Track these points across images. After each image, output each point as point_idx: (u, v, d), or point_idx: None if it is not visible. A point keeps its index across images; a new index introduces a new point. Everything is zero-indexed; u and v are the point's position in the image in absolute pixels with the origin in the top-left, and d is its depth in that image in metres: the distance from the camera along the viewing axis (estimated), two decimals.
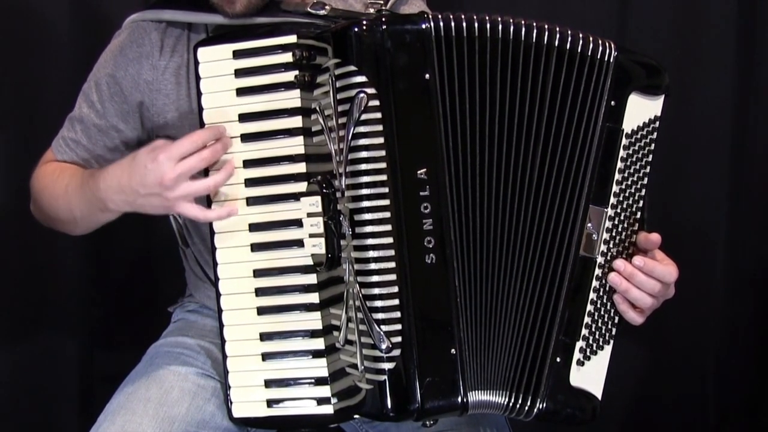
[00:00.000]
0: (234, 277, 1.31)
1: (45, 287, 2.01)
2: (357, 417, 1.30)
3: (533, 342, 1.29)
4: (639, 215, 1.33)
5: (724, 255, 2.21)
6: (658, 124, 1.33)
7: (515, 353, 1.28)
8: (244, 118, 1.29)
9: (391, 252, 1.20)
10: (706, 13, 2.11)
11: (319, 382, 1.29)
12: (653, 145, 1.33)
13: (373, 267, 1.21)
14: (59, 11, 1.94)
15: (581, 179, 1.29)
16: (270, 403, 1.31)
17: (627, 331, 1.33)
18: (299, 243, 1.27)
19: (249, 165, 1.29)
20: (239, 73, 1.28)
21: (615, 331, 1.33)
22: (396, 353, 1.21)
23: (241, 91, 1.28)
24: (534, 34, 1.26)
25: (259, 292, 1.30)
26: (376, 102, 1.19)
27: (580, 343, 1.30)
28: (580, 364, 1.30)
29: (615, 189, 1.30)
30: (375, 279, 1.21)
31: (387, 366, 1.21)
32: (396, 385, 1.22)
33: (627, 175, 1.31)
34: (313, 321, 1.29)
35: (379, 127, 1.19)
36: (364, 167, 1.20)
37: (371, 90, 1.19)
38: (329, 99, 1.22)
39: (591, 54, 1.28)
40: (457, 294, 1.24)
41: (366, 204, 1.20)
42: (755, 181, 2.21)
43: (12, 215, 1.87)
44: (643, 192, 1.33)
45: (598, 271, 1.30)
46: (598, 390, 1.31)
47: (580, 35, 1.28)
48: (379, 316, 1.21)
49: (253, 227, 1.29)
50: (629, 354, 2.16)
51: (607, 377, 1.32)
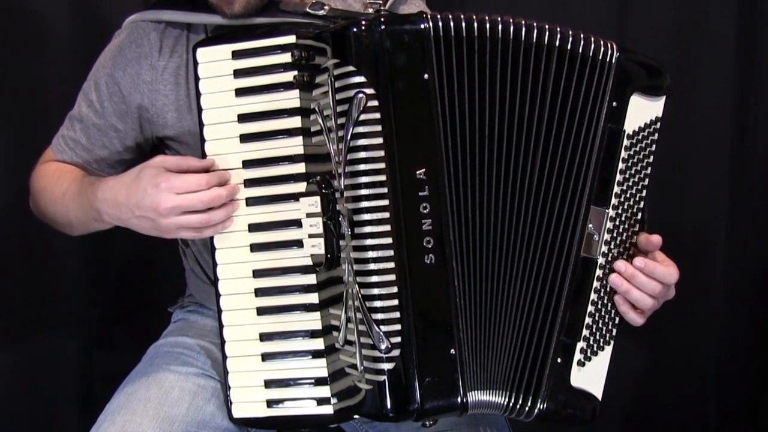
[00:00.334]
0: (233, 278, 1.31)
1: (45, 287, 2.01)
2: (357, 417, 1.30)
3: (533, 342, 1.28)
4: (640, 216, 1.33)
5: (724, 255, 2.21)
6: (659, 125, 1.32)
7: (515, 353, 1.28)
8: (243, 118, 1.28)
9: (391, 252, 1.20)
10: (706, 13, 2.11)
11: (319, 382, 1.29)
12: (654, 146, 1.32)
13: (373, 267, 1.20)
14: (59, 11, 1.94)
15: (582, 180, 1.29)
16: (270, 404, 1.31)
17: (627, 332, 1.33)
18: (299, 243, 1.27)
19: (248, 165, 1.29)
20: (238, 74, 1.28)
21: (615, 332, 1.33)
22: (395, 353, 1.21)
23: (240, 92, 1.28)
24: (534, 34, 1.25)
25: (259, 292, 1.30)
26: (375, 102, 1.18)
27: (580, 344, 1.30)
28: (580, 364, 1.30)
29: (616, 190, 1.30)
30: (374, 279, 1.20)
31: (386, 366, 1.21)
32: (395, 386, 1.21)
33: (628, 176, 1.31)
34: (313, 321, 1.29)
35: (378, 128, 1.19)
36: (363, 167, 1.20)
37: (370, 90, 1.18)
38: (328, 99, 1.22)
39: (592, 54, 1.28)
40: (457, 294, 1.24)
41: (365, 204, 1.20)
42: (755, 181, 2.21)
43: (12, 215, 1.87)
44: (644, 193, 1.33)
45: (598, 272, 1.30)
46: (598, 390, 1.31)
47: (581, 36, 1.28)
48: (379, 316, 1.21)
49: (253, 227, 1.29)
50: (629, 354, 2.16)
51: (608, 377, 1.32)
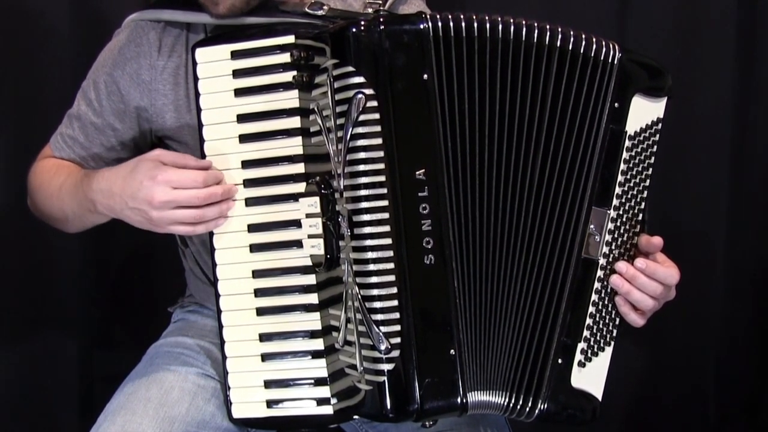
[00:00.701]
0: (233, 278, 1.31)
1: (45, 287, 2.00)
2: (356, 417, 1.30)
3: (534, 343, 1.28)
4: (640, 216, 1.33)
5: (724, 255, 2.21)
6: (660, 125, 1.32)
7: (515, 354, 1.28)
8: (242, 118, 1.28)
9: (390, 253, 1.20)
10: (706, 13, 2.11)
11: (319, 382, 1.28)
12: (656, 147, 1.32)
13: (372, 268, 1.20)
14: (59, 11, 1.94)
15: (584, 181, 1.28)
16: (270, 404, 1.31)
17: (627, 332, 1.33)
18: (298, 244, 1.27)
19: (247, 166, 1.29)
20: (237, 74, 1.28)
21: (616, 333, 1.33)
22: (395, 354, 1.21)
23: (240, 92, 1.28)
24: (535, 34, 1.25)
25: (259, 292, 1.30)
26: (374, 103, 1.18)
27: (581, 345, 1.30)
28: (581, 365, 1.30)
29: (617, 190, 1.30)
30: (374, 280, 1.20)
31: (386, 367, 1.21)
32: (395, 386, 1.21)
33: (629, 177, 1.31)
34: (313, 321, 1.29)
35: (378, 128, 1.19)
36: (362, 168, 1.19)
37: (369, 90, 1.18)
38: (327, 99, 1.21)
39: (594, 55, 1.27)
40: (457, 295, 1.24)
41: (365, 205, 1.20)
42: (755, 181, 2.20)
43: (12, 215, 1.86)
44: (645, 194, 1.32)
45: (599, 273, 1.30)
46: (598, 391, 1.31)
47: (582, 36, 1.27)
48: (378, 317, 1.20)
49: (252, 228, 1.29)
50: (629, 354, 2.16)
51: (608, 378, 1.32)
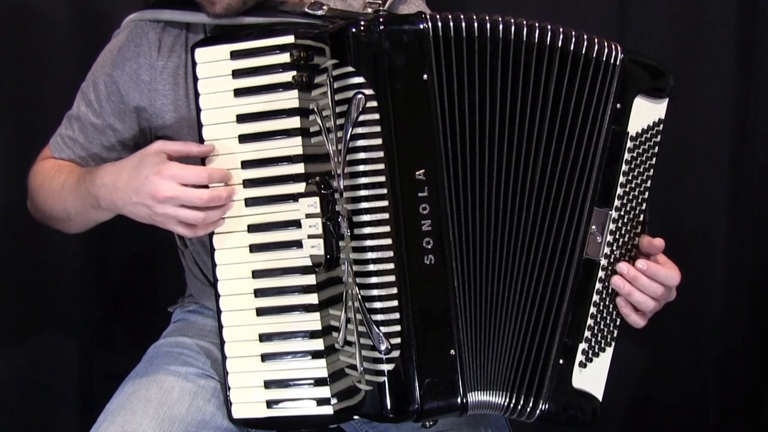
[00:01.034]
0: (233, 278, 1.31)
1: (45, 287, 2.00)
2: (356, 417, 1.30)
3: (535, 343, 1.28)
4: (641, 217, 1.33)
5: (724, 255, 2.20)
6: (662, 126, 1.32)
7: (516, 354, 1.28)
8: (242, 118, 1.28)
9: (390, 253, 1.20)
10: (706, 13, 2.11)
11: (319, 382, 1.29)
12: (657, 148, 1.32)
13: (372, 268, 1.20)
14: (59, 11, 1.94)
15: (586, 181, 1.28)
16: (270, 404, 1.31)
17: (627, 332, 1.33)
18: (298, 244, 1.27)
19: (247, 166, 1.29)
20: (237, 74, 1.28)
21: (617, 333, 1.33)
22: (395, 354, 1.21)
23: (239, 92, 1.28)
24: (536, 34, 1.25)
25: (258, 293, 1.30)
26: (374, 103, 1.18)
27: (582, 345, 1.30)
28: (582, 365, 1.30)
29: (619, 191, 1.30)
30: (374, 280, 1.20)
31: (386, 367, 1.21)
32: (395, 386, 1.21)
33: (631, 178, 1.31)
34: (313, 322, 1.29)
35: (378, 128, 1.19)
36: (362, 168, 1.19)
37: (369, 91, 1.18)
38: (327, 99, 1.21)
39: (596, 56, 1.27)
40: (457, 295, 1.24)
41: (364, 205, 1.20)
42: (755, 181, 2.20)
43: (12, 215, 1.86)
44: (646, 194, 1.32)
45: (601, 274, 1.30)
46: (599, 391, 1.31)
47: (584, 36, 1.27)
48: (378, 317, 1.20)
49: (252, 228, 1.29)
50: (630, 354, 2.16)
51: (608, 378, 1.32)
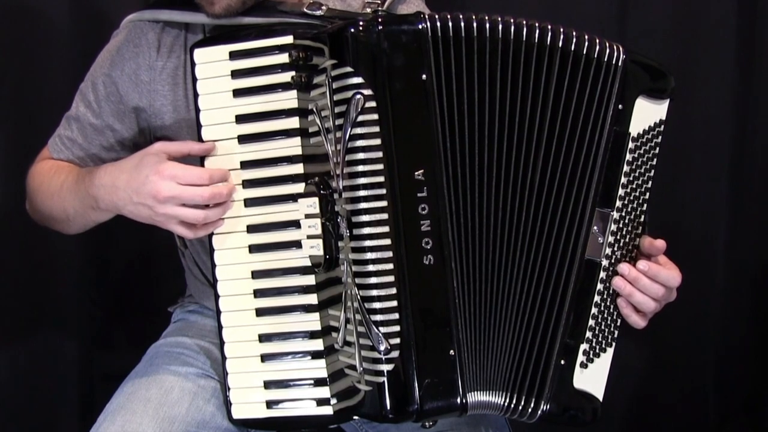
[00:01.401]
0: (232, 279, 1.31)
1: (45, 287, 2.00)
2: (356, 418, 1.30)
3: (536, 344, 1.28)
4: (642, 218, 1.32)
5: (724, 255, 2.20)
6: (663, 127, 1.32)
7: (516, 354, 1.28)
8: (241, 119, 1.28)
9: (389, 253, 1.20)
10: (706, 13, 2.11)
11: (319, 383, 1.29)
12: (658, 149, 1.32)
13: (371, 269, 1.20)
14: (59, 11, 1.94)
15: (588, 182, 1.28)
16: (269, 404, 1.31)
17: (628, 331, 1.33)
18: (297, 244, 1.27)
19: (246, 166, 1.29)
20: (236, 74, 1.28)
21: (617, 334, 1.33)
22: (395, 355, 1.20)
23: (238, 93, 1.28)
24: (536, 34, 1.25)
25: (258, 293, 1.30)
26: (372, 103, 1.18)
27: (583, 346, 1.30)
28: (583, 366, 1.30)
29: (620, 192, 1.30)
30: (373, 281, 1.20)
31: (386, 367, 1.21)
32: (395, 387, 1.21)
33: (632, 179, 1.31)
34: (312, 322, 1.29)
35: (376, 129, 1.18)
36: (361, 168, 1.19)
37: (368, 91, 1.18)
38: (326, 100, 1.21)
39: (597, 56, 1.27)
40: (456, 295, 1.24)
41: (363, 205, 1.20)
42: (755, 181, 2.20)
43: (12, 215, 1.86)
44: (647, 195, 1.32)
45: (602, 274, 1.30)
46: (599, 391, 1.31)
47: (585, 37, 1.27)
48: (378, 317, 1.20)
49: (251, 228, 1.29)
50: (630, 354, 2.16)
51: (608, 378, 1.32)
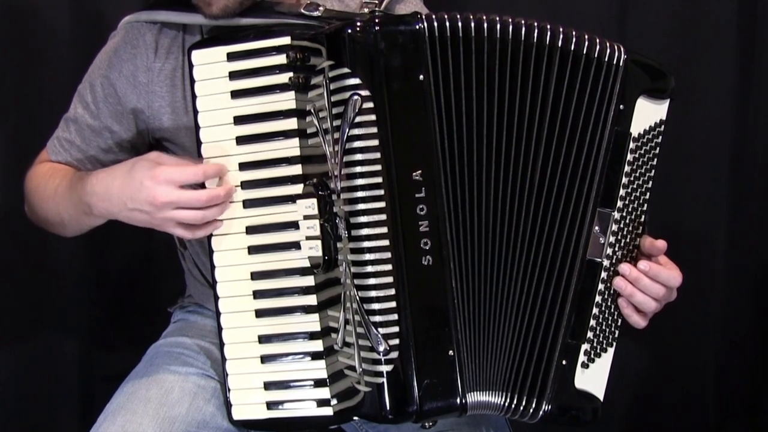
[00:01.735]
0: (231, 280, 1.31)
1: (45, 287, 2.01)
2: (356, 418, 1.30)
3: (537, 344, 1.28)
4: (643, 218, 1.32)
5: (724, 255, 2.20)
6: (663, 127, 1.32)
7: (517, 354, 1.28)
8: (239, 120, 1.28)
9: (388, 254, 1.20)
10: (706, 13, 2.11)
11: (318, 383, 1.28)
12: (658, 149, 1.32)
13: (370, 269, 1.20)
14: (59, 12, 1.94)
15: (589, 183, 1.28)
16: (270, 405, 1.31)
17: (628, 331, 1.33)
18: (296, 245, 1.27)
19: (245, 167, 1.28)
20: (234, 76, 1.28)
21: (618, 334, 1.33)
22: (394, 355, 1.20)
23: (236, 94, 1.28)
24: (535, 34, 1.24)
25: (257, 294, 1.30)
26: (370, 104, 1.18)
27: (584, 346, 1.30)
28: (584, 366, 1.30)
29: (621, 192, 1.30)
30: (372, 281, 1.20)
31: (385, 368, 1.21)
32: (394, 387, 1.21)
33: (633, 179, 1.31)
34: (312, 323, 1.29)
35: (374, 129, 1.18)
36: (359, 169, 1.19)
37: (365, 92, 1.17)
38: (324, 101, 1.21)
39: (598, 56, 1.27)
40: (455, 295, 1.24)
41: (362, 206, 1.19)
42: (755, 181, 2.20)
43: (12, 215, 1.85)
44: (648, 195, 1.32)
45: (603, 275, 1.30)
46: (600, 391, 1.32)
47: (586, 37, 1.27)
48: (377, 318, 1.20)
49: (250, 230, 1.29)
50: (630, 354, 2.16)
51: (609, 378, 1.32)
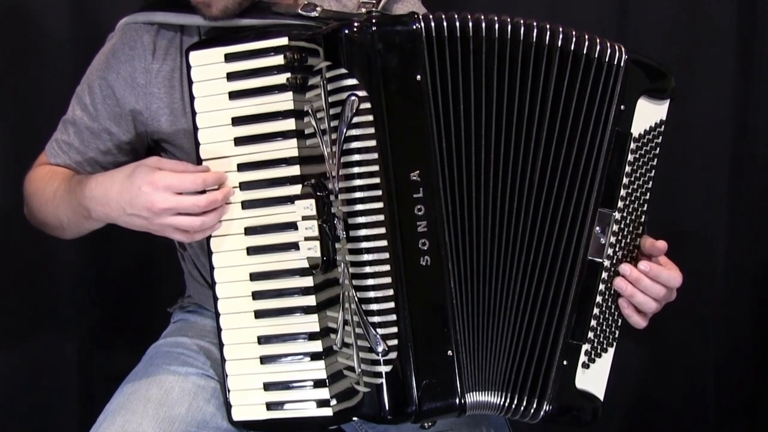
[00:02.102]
0: (231, 281, 1.31)
1: (45, 288, 2.01)
2: (356, 418, 1.30)
3: (538, 344, 1.28)
4: (643, 218, 1.32)
5: (724, 255, 2.20)
6: (663, 128, 1.32)
7: (517, 355, 1.28)
8: (237, 121, 1.28)
9: (386, 255, 1.19)
10: (706, 13, 2.10)
11: (318, 384, 1.29)
12: (659, 149, 1.32)
13: (368, 270, 1.20)
14: (59, 13, 1.94)
15: (590, 183, 1.28)
16: (269, 406, 1.31)
17: (628, 331, 1.33)
18: (295, 246, 1.27)
19: (243, 168, 1.28)
20: (231, 77, 1.28)
21: (618, 334, 1.33)
22: (392, 356, 1.20)
23: (234, 95, 1.28)
24: (534, 33, 1.24)
25: (256, 295, 1.30)
26: (367, 104, 1.17)
27: (585, 346, 1.30)
28: (585, 366, 1.30)
29: (622, 193, 1.30)
30: (370, 282, 1.20)
31: (384, 369, 1.20)
32: (393, 388, 1.21)
33: (633, 179, 1.31)
34: (311, 324, 1.29)
35: (372, 130, 1.18)
36: (357, 170, 1.19)
37: (362, 92, 1.17)
38: (321, 101, 1.21)
39: (599, 56, 1.27)
40: (453, 296, 1.23)
41: (360, 207, 1.19)
42: (755, 181, 2.20)
43: (12, 215, 1.86)
44: (648, 196, 1.32)
45: (604, 275, 1.30)
46: (600, 391, 1.32)
47: (586, 37, 1.26)
48: (375, 319, 1.20)
49: (249, 231, 1.29)
50: (630, 354, 2.16)
51: (609, 378, 1.32)
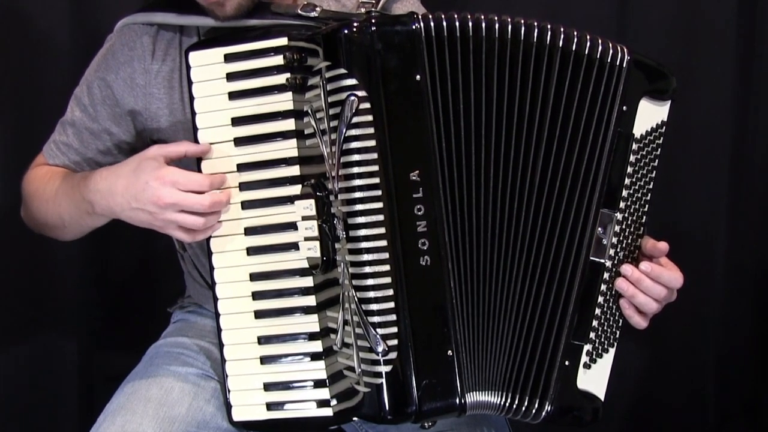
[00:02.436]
0: (231, 281, 1.31)
1: (45, 288, 2.01)
2: (356, 419, 1.30)
3: (540, 344, 1.28)
4: (644, 219, 1.32)
5: (724, 255, 2.20)
6: (664, 128, 1.32)
7: (518, 355, 1.28)
8: (237, 121, 1.28)
9: (386, 255, 1.20)
10: (706, 13, 2.10)
11: (318, 384, 1.29)
12: (660, 150, 1.32)
13: (368, 270, 1.20)
14: (58, 14, 1.94)
15: (592, 183, 1.28)
16: (270, 406, 1.31)
17: (628, 331, 1.34)
18: (295, 246, 1.27)
19: (243, 169, 1.28)
20: (231, 77, 1.28)
21: (619, 334, 1.33)
22: (392, 356, 1.20)
23: (234, 95, 1.28)
24: (534, 33, 1.24)
25: (256, 295, 1.30)
26: (367, 104, 1.17)
27: (587, 347, 1.30)
28: (586, 366, 1.31)
29: (624, 193, 1.30)
30: (370, 282, 1.20)
31: (384, 369, 1.20)
32: (393, 388, 1.21)
33: (635, 180, 1.31)
34: (311, 324, 1.29)
35: (371, 130, 1.18)
36: (356, 170, 1.19)
37: (362, 92, 1.17)
38: (321, 101, 1.21)
39: (601, 57, 1.26)
40: (453, 295, 1.23)
41: (359, 207, 1.19)
42: (755, 181, 2.20)
43: (12, 215, 1.86)
44: (649, 196, 1.32)
45: (605, 275, 1.30)
46: (601, 392, 1.32)
47: (588, 37, 1.26)
48: (375, 319, 1.20)
49: (249, 231, 1.29)
50: (630, 354, 2.16)
51: (609, 379, 1.32)
